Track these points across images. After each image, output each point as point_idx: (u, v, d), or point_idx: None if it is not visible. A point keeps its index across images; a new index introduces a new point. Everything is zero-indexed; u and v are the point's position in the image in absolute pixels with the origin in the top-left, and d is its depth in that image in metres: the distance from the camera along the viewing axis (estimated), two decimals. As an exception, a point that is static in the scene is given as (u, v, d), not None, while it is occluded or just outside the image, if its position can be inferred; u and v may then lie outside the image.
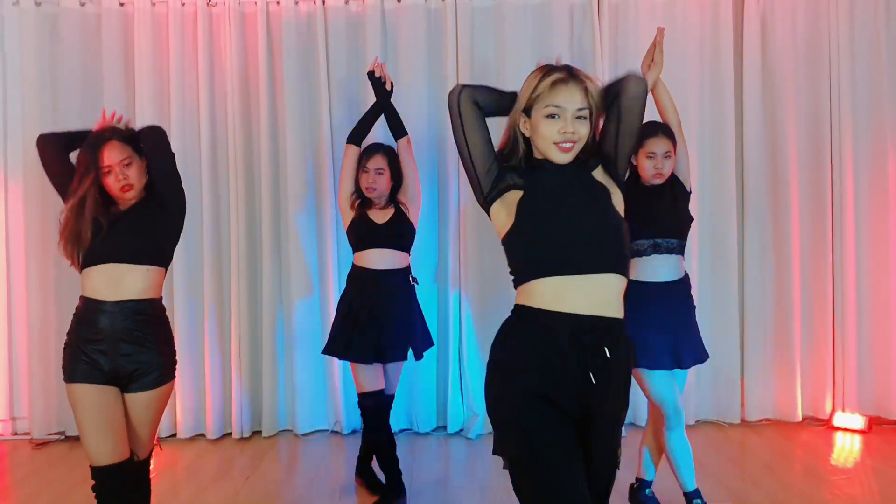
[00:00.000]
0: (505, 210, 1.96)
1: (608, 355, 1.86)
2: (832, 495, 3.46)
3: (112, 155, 2.50)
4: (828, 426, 4.51)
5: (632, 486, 3.32)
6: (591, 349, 1.85)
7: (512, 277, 1.97)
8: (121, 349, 2.47)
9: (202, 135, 4.50)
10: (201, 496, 3.59)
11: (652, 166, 2.99)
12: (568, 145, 1.93)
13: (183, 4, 4.51)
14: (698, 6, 4.55)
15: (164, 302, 2.67)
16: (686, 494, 3.09)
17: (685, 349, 3.00)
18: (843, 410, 4.51)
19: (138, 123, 4.35)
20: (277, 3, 4.52)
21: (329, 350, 3.50)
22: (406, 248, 3.50)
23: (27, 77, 4.50)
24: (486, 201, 2.00)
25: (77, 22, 4.50)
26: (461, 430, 4.50)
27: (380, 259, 3.42)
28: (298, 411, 4.51)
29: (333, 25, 4.53)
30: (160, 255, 2.59)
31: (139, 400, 2.52)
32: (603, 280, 1.89)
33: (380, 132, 3.88)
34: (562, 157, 1.95)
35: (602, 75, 4.45)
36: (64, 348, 2.56)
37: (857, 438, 4.34)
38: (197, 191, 4.41)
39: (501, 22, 4.52)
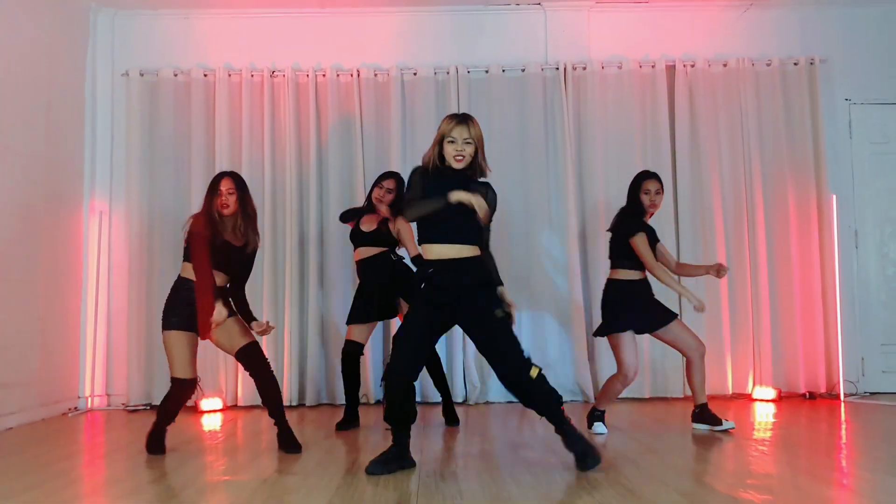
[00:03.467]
0: None
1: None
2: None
3: None
4: (749, 398, 5.77)
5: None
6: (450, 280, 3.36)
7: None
8: None
9: (265, 178, 5.91)
10: (263, 434, 4.42)
11: (647, 200, 4.41)
12: (460, 157, 3.35)
13: (252, 75, 6.00)
14: (640, 77, 6.05)
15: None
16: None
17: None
18: (761, 385, 5.78)
19: (216, 166, 5.71)
20: (324, 75, 6.03)
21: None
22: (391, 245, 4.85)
23: (132, 131, 5.93)
24: None
25: (171, 90, 5.98)
26: (464, 401, 5.74)
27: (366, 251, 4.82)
28: (338, 386, 5.70)
29: (365, 92, 6.01)
30: None
31: None
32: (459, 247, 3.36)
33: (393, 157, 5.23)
34: (457, 165, 3.37)
35: (568, 126, 5.91)
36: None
37: (772, 406, 5.53)
38: (260, 216, 5.61)
39: (491, 89, 6.02)
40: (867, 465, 3.50)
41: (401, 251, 4.85)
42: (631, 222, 4.38)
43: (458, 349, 5.80)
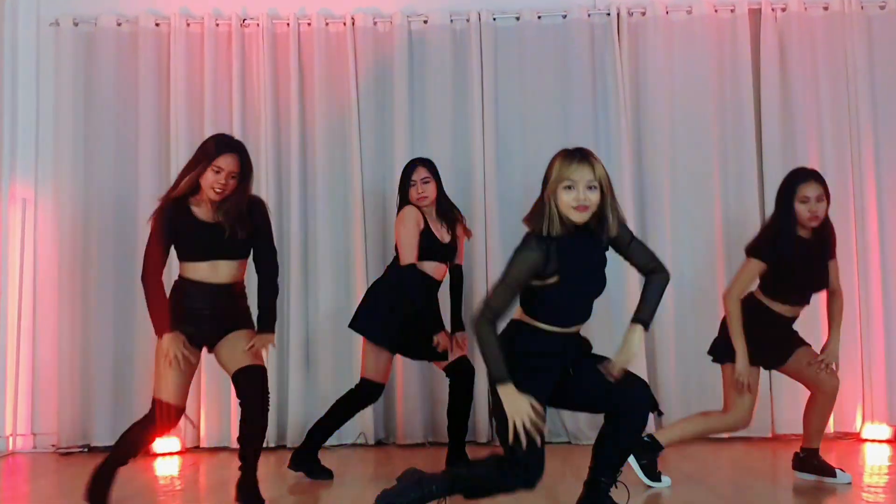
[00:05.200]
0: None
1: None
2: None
3: None
4: (857, 438, 4.60)
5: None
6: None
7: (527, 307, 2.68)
8: None
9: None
10: None
11: (807, 209, 3.42)
12: (583, 207, 2.55)
13: (217, 24, 4.85)
14: (715, 24, 4.82)
15: None
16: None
17: None
18: (872, 422, 4.59)
19: (171, 140, 4.65)
20: (308, 24, 4.86)
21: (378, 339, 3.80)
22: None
23: (61, 96, 4.78)
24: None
25: (113, 41, 4.82)
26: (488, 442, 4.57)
27: (435, 270, 3.85)
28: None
29: (362, 45, 4.84)
30: None
31: None
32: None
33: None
34: (579, 217, 2.56)
35: (622, 92, 4.75)
36: None
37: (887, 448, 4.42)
38: None
39: (523, 41, 4.84)
40: None
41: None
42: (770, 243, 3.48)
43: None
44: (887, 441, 4.51)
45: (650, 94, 4.80)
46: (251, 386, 3.21)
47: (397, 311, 3.76)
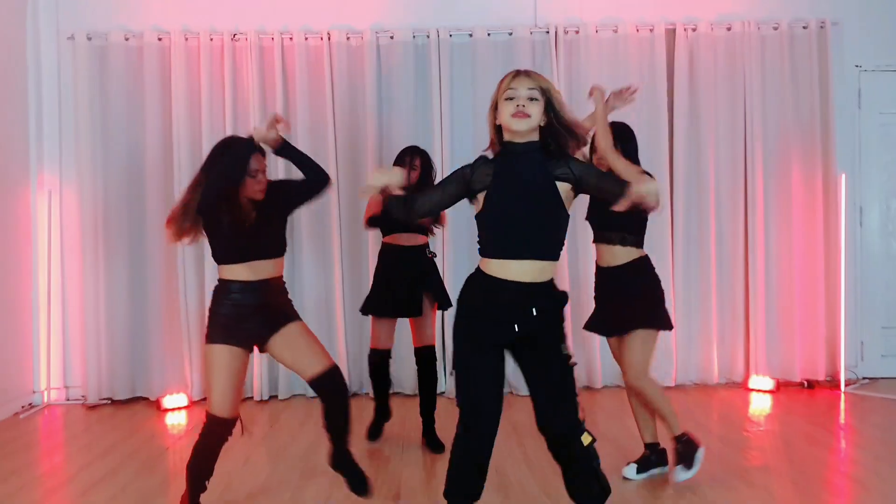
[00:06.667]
0: (477, 201, 2.59)
1: (534, 313, 2.52)
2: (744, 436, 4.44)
3: None
4: (744, 388, 5.56)
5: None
6: (521, 307, 2.51)
7: (478, 247, 2.62)
8: None
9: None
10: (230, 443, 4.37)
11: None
12: (521, 115, 2.45)
13: (211, 39, 5.51)
14: (637, 42, 5.63)
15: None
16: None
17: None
18: (756, 374, 5.56)
19: (174, 139, 5.30)
20: (291, 38, 5.55)
21: (366, 310, 4.33)
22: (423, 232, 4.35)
23: (80, 101, 5.46)
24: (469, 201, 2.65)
25: (122, 54, 5.48)
26: (443, 392, 5.48)
27: (407, 238, 4.31)
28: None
29: (337, 57, 5.54)
30: None
31: None
32: (536, 264, 2.51)
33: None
34: (518, 125, 2.46)
35: (559, 99, 5.46)
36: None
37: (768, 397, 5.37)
38: None
39: (475, 55, 5.59)
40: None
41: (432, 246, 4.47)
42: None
43: (438, 341, 5.46)
44: (770, 391, 5.43)
45: (583, 101, 5.44)
46: (335, 392, 3.12)
47: (380, 282, 4.32)
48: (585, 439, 2.53)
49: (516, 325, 2.50)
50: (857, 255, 5.80)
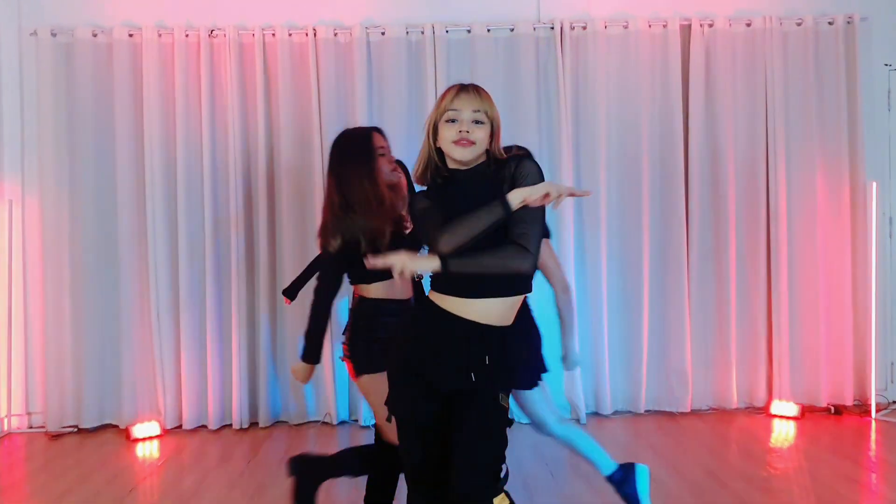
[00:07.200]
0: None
1: (487, 362, 2.20)
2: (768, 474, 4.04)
3: None
4: (766, 413, 5.13)
5: None
6: (476, 353, 2.19)
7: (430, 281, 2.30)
8: None
9: (204, 155, 5.07)
10: (205, 481, 4.04)
11: None
12: (464, 142, 2.16)
13: (187, 35, 5.09)
14: (649, 38, 5.19)
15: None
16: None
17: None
18: (779, 399, 5.13)
19: (146, 143, 4.90)
20: (273, 34, 5.12)
21: None
22: None
23: (43, 102, 5.03)
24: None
25: (90, 51, 5.05)
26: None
27: None
28: (291, 404, 5.08)
29: (324, 55, 5.11)
30: None
31: None
32: (496, 302, 2.19)
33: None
34: (461, 154, 2.17)
35: (564, 99, 5.09)
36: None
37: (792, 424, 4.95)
38: (199, 203, 5.00)
39: (474, 52, 5.15)
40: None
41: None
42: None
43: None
44: (794, 418, 5.00)
45: (590, 101, 5.15)
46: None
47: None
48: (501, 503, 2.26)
49: (473, 375, 2.19)
50: (887, 270, 5.36)
